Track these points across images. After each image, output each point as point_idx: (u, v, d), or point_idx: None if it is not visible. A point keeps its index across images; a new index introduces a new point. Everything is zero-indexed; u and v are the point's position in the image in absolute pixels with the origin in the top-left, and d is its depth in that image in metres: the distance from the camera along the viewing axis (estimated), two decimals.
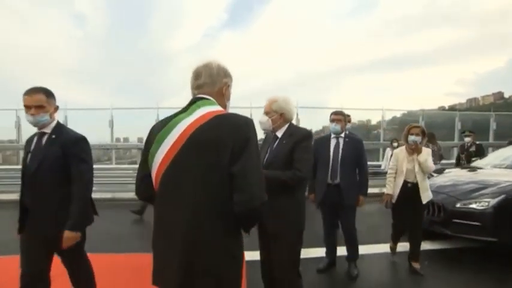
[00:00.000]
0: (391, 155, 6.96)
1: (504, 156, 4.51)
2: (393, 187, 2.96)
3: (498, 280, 2.67)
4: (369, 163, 3.91)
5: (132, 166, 7.41)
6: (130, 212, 4.82)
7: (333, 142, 2.84)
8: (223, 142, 1.02)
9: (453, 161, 6.95)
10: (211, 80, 1.17)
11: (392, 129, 10.80)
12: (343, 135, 2.83)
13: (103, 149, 8.55)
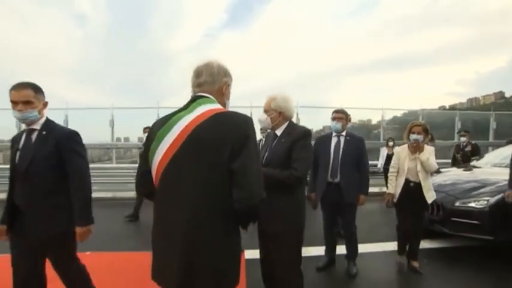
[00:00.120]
0: (387, 154, 6.96)
1: (504, 155, 4.51)
2: (395, 186, 2.87)
3: (497, 278, 2.67)
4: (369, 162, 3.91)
5: (133, 165, 7.41)
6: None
7: (334, 140, 2.82)
8: (223, 140, 1.03)
9: (449, 161, 6.95)
10: (211, 79, 1.19)
11: (393, 128, 10.77)
12: (344, 133, 2.81)
13: (103, 149, 8.55)
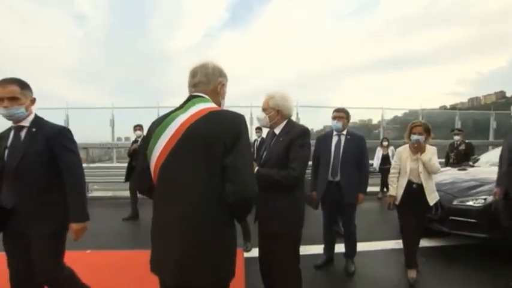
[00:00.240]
0: (382, 155, 6.96)
1: None
2: (396, 188, 2.74)
3: (495, 276, 2.68)
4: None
5: None
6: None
7: (335, 139, 2.82)
8: (215, 136, 1.06)
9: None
10: (206, 79, 1.23)
11: (393, 128, 10.76)
12: (344, 132, 2.81)
13: (104, 148, 8.57)
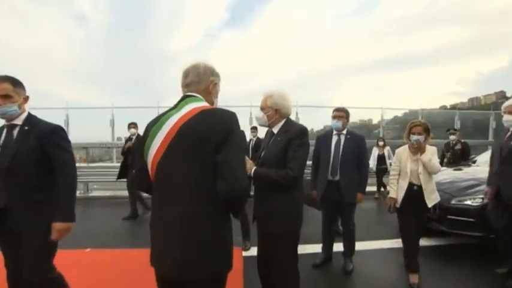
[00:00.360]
0: (378, 155, 6.98)
1: None
2: (396, 190, 2.65)
3: (493, 275, 2.69)
4: None
5: None
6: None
7: (335, 139, 2.83)
8: (207, 134, 1.09)
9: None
10: (198, 79, 1.26)
11: (393, 128, 10.77)
12: (344, 132, 2.81)
13: (104, 148, 8.59)
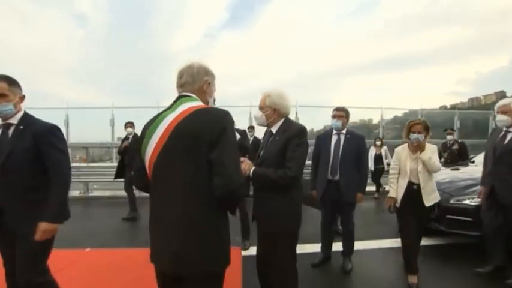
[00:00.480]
0: (375, 154, 6.99)
1: None
2: (396, 189, 2.62)
3: (491, 275, 2.68)
4: None
5: None
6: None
7: (334, 138, 2.82)
8: (201, 133, 1.11)
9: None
10: (192, 79, 1.27)
11: (393, 128, 10.76)
12: (344, 131, 2.81)
13: (104, 148, 8.60)
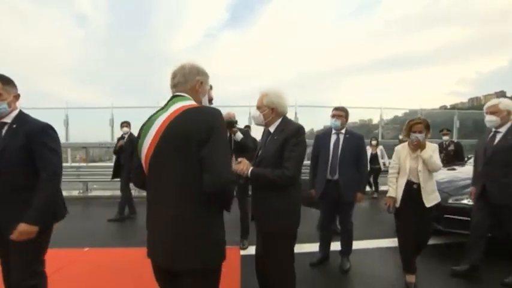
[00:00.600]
0: (371, 154, 7.01)
1: None
2: (396, 189, 2.59)
3: (490, 274, 2.70)
4: None
5: None
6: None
7: (333, 138, 2.82)
8: (191, 131, 1.13)
9: None
10: (184, 79, 1.30)
11: (393, 128, 10.76)
12: (343, 131, 2.81)
13: (104, 148, 8.59)
